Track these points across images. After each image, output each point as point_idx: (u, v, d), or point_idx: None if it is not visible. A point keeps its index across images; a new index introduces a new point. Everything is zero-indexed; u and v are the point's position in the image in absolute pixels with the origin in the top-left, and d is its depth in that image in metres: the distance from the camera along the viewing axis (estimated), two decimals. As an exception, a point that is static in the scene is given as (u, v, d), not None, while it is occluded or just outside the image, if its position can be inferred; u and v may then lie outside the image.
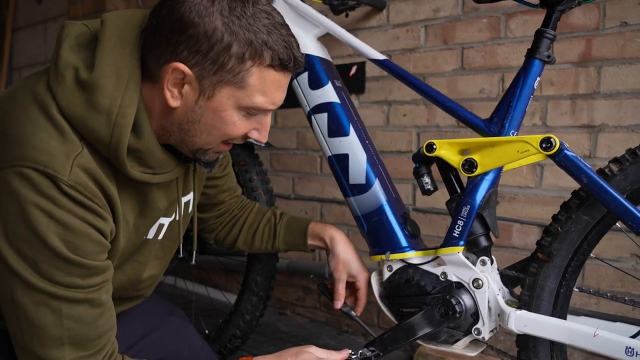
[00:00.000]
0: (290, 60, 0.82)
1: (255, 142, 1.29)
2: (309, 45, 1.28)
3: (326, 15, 1.84)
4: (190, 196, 1.05)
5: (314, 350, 0.98)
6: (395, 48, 1.74)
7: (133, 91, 0.78)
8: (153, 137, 0.82)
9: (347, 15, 1.64)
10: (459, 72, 1.62)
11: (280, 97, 0.85)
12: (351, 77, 1.85)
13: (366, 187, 1.17)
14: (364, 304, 1.18)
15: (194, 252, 1.12)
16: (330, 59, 1.31)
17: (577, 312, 1.02)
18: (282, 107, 1.17)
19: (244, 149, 1.46)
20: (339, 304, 1.16)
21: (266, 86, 0.82)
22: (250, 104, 0.82)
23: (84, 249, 0.77)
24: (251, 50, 0.78)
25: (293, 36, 0.84)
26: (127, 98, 0.78)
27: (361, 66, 1.82)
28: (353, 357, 1.02)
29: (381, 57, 1.20)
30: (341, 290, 1.16)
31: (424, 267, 1.10)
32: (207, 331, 1.55)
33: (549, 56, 1.01)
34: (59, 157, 0.75)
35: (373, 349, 1.06)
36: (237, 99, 0.81)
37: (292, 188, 2.07)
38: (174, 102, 0.80)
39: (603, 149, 1.39)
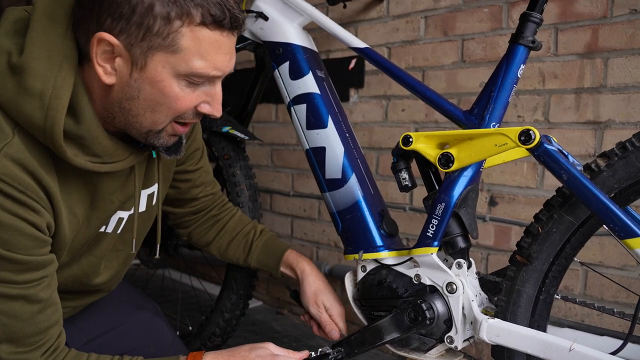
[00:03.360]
0: (225, 17, 0.74)
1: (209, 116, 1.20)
2: (293, 34, 1.23)
3: (327, 9, 1.80)
4: (154, 188, 1.01)
5: (270, 346, 0.94)
6: (395, 40, 1.67)
7: (67, 72, 0.74)
8: (96, 122, 0.78)
9: (344, 6, 1.58)
10: (458, 64, 1.53)
11: (222, 60, 0.77)
12: (351, 71, 1.78)
13: (342, 182, 1.11)
14: (341, 331, 1.11)
15: (158, 245, 1.07)
16: (315, 49, 1.26)
17: (561, 323, 0.93)
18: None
19: (228, 143, 1.42)
20: (335, 334, 1.10)
21: (203, 48, 0.74)
22: (188, 69, 0.75)
23: (16, 243, 0.73)
24: (177, 8, 0.71)
25: None
26: (61, 79, 0.73)
27: (361, 59, 1.75)
28: (312, 356, 0.97)
29: (362, 45, 1.13)
30: (326, 320, 1.11)
31: (398, 268, 1.03)
32: (190, 327, 1.52)
33: (533, 41, 0.93)
34: None
35: (339, 348, 1.00)
36: (172, 66, 0.75)
37: (291, 184, 2.02)
38: (108, 79, 0.75)
39: (609, 147, 1.28)
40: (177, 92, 0.77)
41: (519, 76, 0.96)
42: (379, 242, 1.07)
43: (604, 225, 0.81)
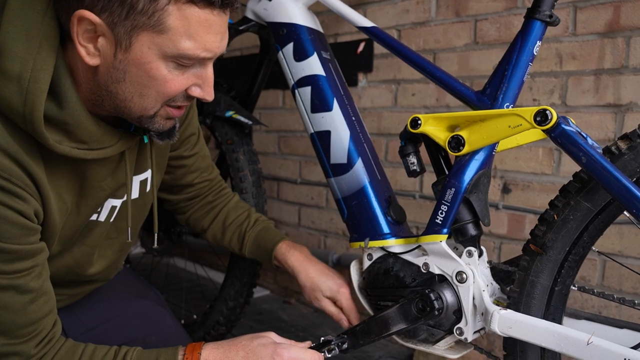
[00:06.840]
0: None
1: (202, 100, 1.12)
2: (297, 14, 1.18)
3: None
4: (147, 174, 0.96)
5: (272, 335, 0.91)
6: (405, 22, 1.61)
7: (47, 53, 0.69)
8: (80, 106, 0.73)
9: (353, -13, 1.53)
10: (471, 46, 1.47)
11: (213, 40, 0.72)
12: (359, 55, 1.73)
13: (347, 167, 1.07)
14: (356, 316, 1.07)
15: (156, 234, 1.04)
16: (320, 30, 1.21)
17: (578, 315, 0.88)
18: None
19: (232, 127, 1.38)
20: (344, 323, 1.08)
21: (192, 28, 0.69)
22: (176, 51, 0.70)
23: (3, 232, 0.70)
24: None
25: None
26: (40, 61, 0.68)
27: (369, 43, 1.70)
28: (315, 344, 0.94)
29: (369, 24, 1.08)
30: (331, 309, 1.08)
31: (405, 256, 0.98)
32: (195, 316, 1.50)
33: (551, 16, 0.87)
34: None
35: (342, 336, 0.97)
36: (159, 47, 0.70)
37: (299, 172, 1.99)
38: (91, 60, 0.71)
39: (630, 132, 1.22)
40: (165, 75, 0.72)
41: (535, 54, 0.90)
42: (385, 229, 1.03)
43: (626, 212, 0.76)
